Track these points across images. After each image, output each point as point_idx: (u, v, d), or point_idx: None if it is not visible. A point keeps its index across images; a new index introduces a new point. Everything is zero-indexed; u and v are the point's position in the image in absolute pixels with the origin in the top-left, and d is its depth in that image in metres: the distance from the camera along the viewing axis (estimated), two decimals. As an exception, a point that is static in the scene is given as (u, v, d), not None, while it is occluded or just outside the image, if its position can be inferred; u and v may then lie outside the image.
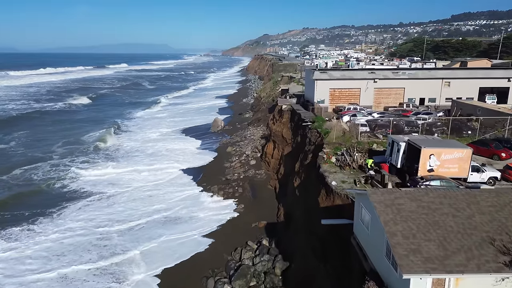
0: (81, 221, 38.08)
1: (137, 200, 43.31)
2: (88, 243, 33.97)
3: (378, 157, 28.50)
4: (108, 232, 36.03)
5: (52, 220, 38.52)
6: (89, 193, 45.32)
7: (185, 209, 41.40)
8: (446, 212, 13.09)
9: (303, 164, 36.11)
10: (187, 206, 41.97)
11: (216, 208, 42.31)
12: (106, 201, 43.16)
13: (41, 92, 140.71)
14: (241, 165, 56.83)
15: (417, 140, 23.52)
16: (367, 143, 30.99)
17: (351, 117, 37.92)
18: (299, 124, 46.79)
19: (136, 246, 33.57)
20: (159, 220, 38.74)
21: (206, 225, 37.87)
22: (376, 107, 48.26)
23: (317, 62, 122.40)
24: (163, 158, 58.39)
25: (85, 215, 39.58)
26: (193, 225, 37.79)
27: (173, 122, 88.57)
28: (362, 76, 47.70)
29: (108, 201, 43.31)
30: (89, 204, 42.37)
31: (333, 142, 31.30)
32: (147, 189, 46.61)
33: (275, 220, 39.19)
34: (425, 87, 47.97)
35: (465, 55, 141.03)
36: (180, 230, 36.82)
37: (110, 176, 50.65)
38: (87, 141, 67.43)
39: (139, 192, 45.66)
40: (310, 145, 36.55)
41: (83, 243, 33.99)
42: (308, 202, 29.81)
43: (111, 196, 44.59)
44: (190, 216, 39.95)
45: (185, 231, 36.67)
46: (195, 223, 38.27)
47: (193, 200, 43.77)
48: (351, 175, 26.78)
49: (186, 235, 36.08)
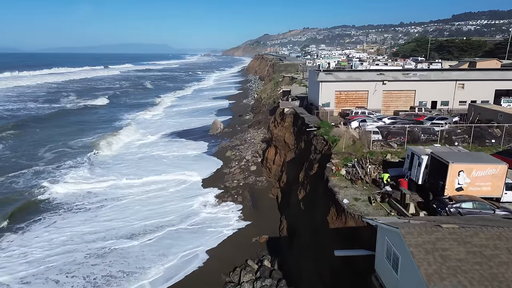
0: (52, 237, 34.61)
1: (126, 213, 39.77)
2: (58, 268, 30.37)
3: (394, 170, 25.41)
4: (91, 252, 32.75)
5: (20, 235, 35.10)
6: (69, 205, 41.61)
7: (179, 221, 38.18)
8: (505, 261, 10.04)
9: (308, 174, 33.02)
10: (181, 218, 38.76)
11: (214, 219, 39.21)
12: (89, 214, 39.58)
13: (51, 92, 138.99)
14: (241, 171, 53.87)
15: (443, 154, 20.41)
16: (380, 153, 27.91)
17: (360, 123, 34.76)
18: (303, 129, 43.72)
19: (120, 264, 30.45)
20: (148, 236, 35.36)
21: (201, 239, 34.72)
22: (385, 111, 45.13)
23: (319, 63, 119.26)
24: (156, 165, 54.90)
25: (54, 232, 35.77)
26: (187, 240, 34.62)
27: (171, 124, 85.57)
28: (370, 78, 44.57)
29: (90, 214, 39.70)
30: (68, 218, 38.72)
31: (342, 151, 28.20)
32: (135, 199, 43.09)
33: (277, 234, 36.11)
34: (437, 90, 44.81)
35: (470, 55, 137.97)
36: (170, 245, 33.57)
37: (94, 187, 46.45)
38: (75, 146, 63.86)
39: (127, 204, 41.91)
40: (315, 153, 33.46)
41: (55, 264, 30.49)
42: (315, 220, 26.74)
43: (95, 208, 40.90)
44: (184, 229, 36.77)
45: (177, 246, 33.43)
46: (189, 237, 35.09)
47: (188, 210, 40.63)
48: (364, 191, 23.69)
49: (179, 250, 32.83)
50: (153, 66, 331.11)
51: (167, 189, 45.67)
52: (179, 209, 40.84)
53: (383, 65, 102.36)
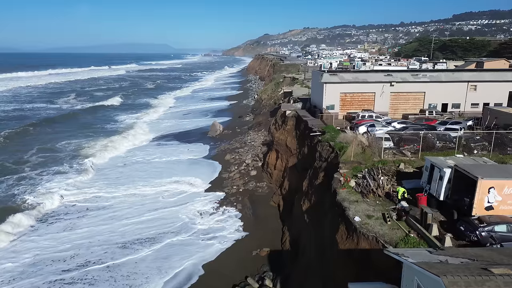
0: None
1: (114, 224, 37.00)
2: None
3: (409, 182, 22.95)
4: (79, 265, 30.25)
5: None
6: (52, 216, 38.64)
7: (173, 232, 35.69)
8: None
9: (313, 183, 30.58)
10: (175, 229, 36.22)
11: (211, 230, 36.78)
12: (74, 225, 36.94)
13: (56, 92, 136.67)
14: (241, 175, 51.53)
15: (469, 167, 17.94)
16: (393, 162, 25.44)
17: (368, 128, 32.27)
18: (306, 133, 41.29)
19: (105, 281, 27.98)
20: (138, 250, 32.78)
21: (197, 252, 32.30)
22: (393, 114, 42.66)
23: (320, 63, 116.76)
24: (151, 171, 51.87)
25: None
26: (181, 253, 32.10)
27: (170, 125, 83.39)
28: (377, 79, 42.06)
29: (75, 225, 36.92)
30: (46, 229, 35.95)
31: (350, 160, 25.73)
32: (125, 208, 40.39)
33: (279, 247, 33.68)
34: (448, 91, 42.29)
35: (474, 55, 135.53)
36: (163, 259, 31.00)
37: (77, 198, 42.78)
38: (64, 150, 60.56)
39: (115, 215, 39.15)
40: (320, 160, 31.00)
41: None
42: (321, 236, 24.30)
43: (76, 219, 38.07)
44: (178, 240, 34.28)
45: (170, 260, 30.96)
46: (183, 250, 32.63)
47: (183, 220, 38.12)
48: (377, 206, 21.23)
49: (172, 266, 30.37)
50: (158, 66, 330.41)
51: (161, 197, 43.14)
52: (173, 218, 38.35)
53: (386, 65, 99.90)
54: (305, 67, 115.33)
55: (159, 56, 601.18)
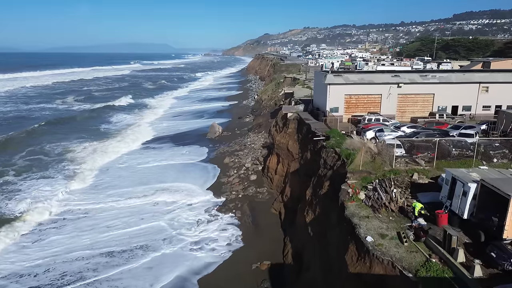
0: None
1: (104, 234, 34.71)
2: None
3: (424, 195, 20.80)
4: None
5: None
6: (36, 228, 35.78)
7: (167, 241, 33.57)
8: None
9: (317, 192, 28.42)
10: (170, 238, 34.04)
11: (208, 239, 34.67)
12: (51, 236, 34.20)
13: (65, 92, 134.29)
14: (240, 180, 49.45)
15: (497, 182, 15.79)
16: (405, 171, 23.30)
17: (376, 133, 30.08)
18: (309, 137, 39.14)
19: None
20: (130, 261, 30.59)
21: (192, 264, 30.17)
22: (400, 117, 40.50)
23: (322, 62, 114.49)
24: (145, 176, 49.36)
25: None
26: (175, 265, 29.93)
27: (166, 126, 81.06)
28: (384, 80, 39.87)
29: (52, 237, 34.07)
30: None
31: (359, 170, 23.59)
32: (117, 218, 37.96)
33: (281, 259, 31.53)
34: (459, 93, 40.10)
35: (478, 55, 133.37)
36: (154, 272, 28.85)
37: (62, 210, 39.54)
38: (52, 153, 57.82)
39: (106, 223, 36.75)
40: (325, 168, 28.85)
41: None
42: (327, 254, 22.18)
43: (62, 229, 35.48)
44: (172, 251, 32.12)
45: (162, 273, 28.76)
46: (178, 262, 30.48)
47: (178, 229, 36.00)
48: (390, 223, 19.07)
49: (164, 278, 28.14)
50: (161, 66, 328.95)
51: (156, 204, 40.91)
52: (165, 228, 36.14)
53: (389, 65, 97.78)
54: (306, 67, 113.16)
55: (160, 56, 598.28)
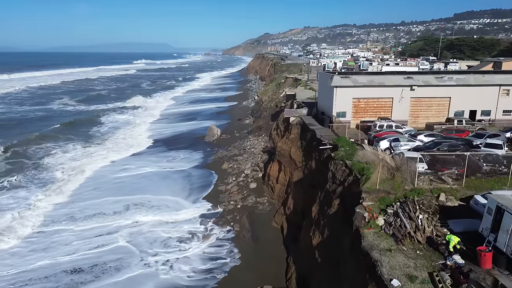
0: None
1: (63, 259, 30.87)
2: None
3: (456, 223, 17.41)
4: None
5: None
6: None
7: (155, 260, 30.25)
8: None
9: (325, 211, 25.07)
10: (157, 257, 30.68)
11: (202, 259, 31.43)
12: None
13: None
14: (239, 188, 46.22)
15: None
16: (430, 191, 19.95)
17: (392, 143, 26.67)
18: (313, 144, 35.80)
19: None
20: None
21: None
22: (413, 122, 37.12)
23: (324, 62, 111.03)
24: (135, 186, 45.25)
25: None
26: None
27: (165, 128, 77.89)
28: (396, 82, 36.47)
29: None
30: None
31: (376, 189, 20.22)
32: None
33: (284, 283, 28.26)
34: (477, 97, 36.69)
35: (484, 54, 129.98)
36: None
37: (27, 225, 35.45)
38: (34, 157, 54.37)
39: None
40: (334, 183, 25.47)
41: None
42: (340, 285, 18.88)
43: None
44: (161, 273, 28.81)
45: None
46: (167, 284, 27.23)
47: (168, 245, 32.68)
48: (419, 259, 15.71)
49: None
50: (165, 65, 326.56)
51: (145, 218, 37.44)
52: (155, 244, 32.86)
53: (394, 65, 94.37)
54: (307, 67, 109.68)
55: (162, 56, 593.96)
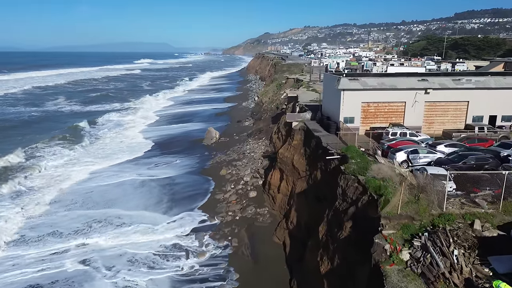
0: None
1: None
2: None
3: (499, 261, 14.27)
4: None
5: None
6: None
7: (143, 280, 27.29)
8: None
9: (334, 234, 21.96)
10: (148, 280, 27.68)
11: (196, 280, 28.46)
12: None
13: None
14: (238, 197, 43.33)
15: None
16: (461, 217, 16.86)
17: (410, 155, 23.54)
18: (319, 153, 32.69)
19: None
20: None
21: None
22: (427, 128, 34.01)
23: (326, 62, 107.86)
24: (123, 199, 42.16)
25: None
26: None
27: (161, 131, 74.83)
28: (409, 85, 33.33)
29: None
30: None
31: (397, 213, 17.13)
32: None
33: (287, 312, 25.26)
34: (498, 100, 33.63)
35: (489, 54, 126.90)
36: None
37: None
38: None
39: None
40: (345, 201, 22.34)
41: None
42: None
43: None
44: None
45: None
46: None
47: (159, 264, 29.67)
48: (457, 309, 12.68)
49: None
50: (167, 65, 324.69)
51: (133, 234, 34.32)
52: (147, 261, 29.85)
53: (398, 66, 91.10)
54: (309, 67, 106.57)
55: (163, 55, 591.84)
